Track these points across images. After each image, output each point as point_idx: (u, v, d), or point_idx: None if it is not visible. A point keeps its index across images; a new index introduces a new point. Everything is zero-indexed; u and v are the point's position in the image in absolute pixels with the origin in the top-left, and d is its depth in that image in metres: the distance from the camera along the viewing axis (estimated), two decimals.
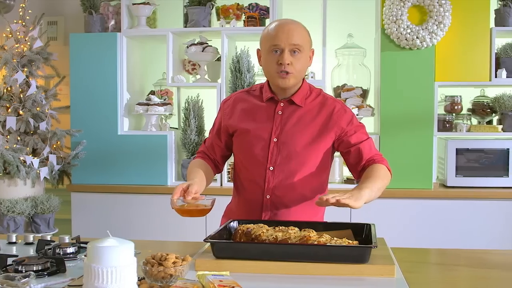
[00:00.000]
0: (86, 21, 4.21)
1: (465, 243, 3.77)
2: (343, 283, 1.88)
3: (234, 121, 2.43)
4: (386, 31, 3.89)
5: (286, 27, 2.29)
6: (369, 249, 1.94)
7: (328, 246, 1.97)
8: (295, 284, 1.88)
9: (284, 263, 1.97)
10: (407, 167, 3.90)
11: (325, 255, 1.95)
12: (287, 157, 2.39)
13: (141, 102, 4.14)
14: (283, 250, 1.99)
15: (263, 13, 4.11)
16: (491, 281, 1.93)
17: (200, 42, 4.14)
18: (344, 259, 1.94)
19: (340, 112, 2.39)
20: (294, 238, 2.08)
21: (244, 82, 4.00)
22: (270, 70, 2.32)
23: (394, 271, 1.92)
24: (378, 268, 1.93)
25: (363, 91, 4.16)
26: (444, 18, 3.80)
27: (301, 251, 1.98)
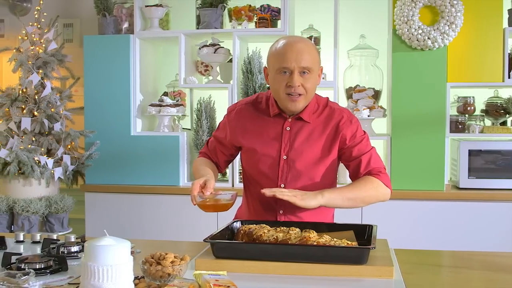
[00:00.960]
0: (99, 23, 4.26)
1: (477, 245, 3.74)
2: (341, 284, 1.89)
3: (241, 137, 2.42)
4: (397, 32, 3.87)
5: (295, 48, 2.23)
6: (367, 250, 1.94)
7: (326, 247, 1.98)
8: (293, 284, 1.89)
9: (283, 263, 1.98)
10: (418, 169, 3.88)
11: (324, 256, 1.96)
12: (298, 174, 2.38)
13: (154, 103, 4.17)
14: (281, 250, 2.00)
15: (274, 15, 4.12)
16: (491, 283, 1.92)
17: (212, 43, 4.16)
18: (342, 260, 1.94)
19: (346, 124, 2.38)
20: (294, 238, 2.09)
21: (256, 83, 4.02)
22: (279, 90, 2.28)
23: (393, 272, 1.92)
24: (377, 269, 1.93)
25: (375, 92, 4.15)
26: (456, 18, 3.77)
27: (300, 252, 1.99)
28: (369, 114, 3.97)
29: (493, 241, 3.77)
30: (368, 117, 3.97)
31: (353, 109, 3.97)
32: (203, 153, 2.58)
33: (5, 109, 4.04)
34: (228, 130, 2.46)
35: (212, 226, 3.85)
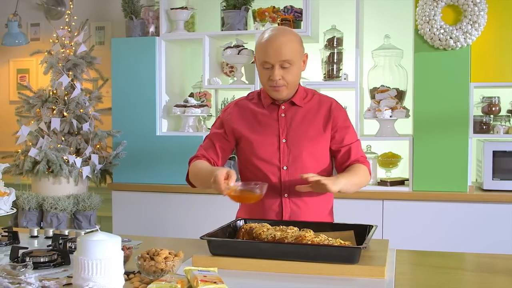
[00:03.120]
0: (127, 26, 4.38)
1: (501, 248, 3.67)
2: (333, 282, 1.90)
3: (240, 128, 2.53)
4: (419, 32, 3.84)
5: (275, 44, 2.36)
6: (358, 250, 1.96)
7: (318, 246, 2.00)
8: (286, 282, 1.92)
9: (276, 261, 2.01)
10: (441, 170, 3.84)
11: (316, 255, 1.98)
12: (298, 155, 2.48)
13: (179, 104, 4.25)
14: (275, 248, 2.04)
15: (297, 16, 4.15)
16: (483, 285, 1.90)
17: (236, 45, 4.21)
18: (334, 259, 1.96)
19: (337, 109, 2.53)
20: (291, 237, 2.12)
21: None
22: (263, 82, 2.45)
23: (384, 272, 1.93)
24: (368, 269, 1.94)
25: (399, 92, 4.12)
26: (479, 17, 3.72)
27: (293, 250, 2.02)
28: (391, 114, 3.95)
29: None
30: (390, 118, 3.95)
31: (375, 110, 3.96)
32: (200, 156, 2.62)
33: (36, 110, 4.19)
34: (227, 123, 2.56)
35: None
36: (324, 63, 4.18)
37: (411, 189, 3.89)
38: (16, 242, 2.39)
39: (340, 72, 4.14)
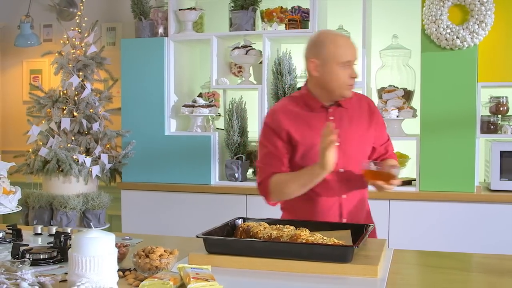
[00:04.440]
0: (136, 27, 4.42)
1: (507, 249, 3.66)
2: (325, 281, 1.92)
3: (295, 133, 2.49)
4: (426, 32, 3.83)
5: (351, 43, 2.48)
6: (351, 249, 1.97)
7: (311, 244, 2.02)
8: (279, 280, 1.94)
9: (270, 260, 2.03)
10: (448, 170, 3.83)
11: (310, 254, 2.00)
12: (350, 157, 2.50)
13: (187, 104, 4.29)
14: (269, 247, 2.06)
15: (305, 16, 4.16)
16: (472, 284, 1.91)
17: (244, 45, 4.24)
18: (327, 258, 1.98)
19: (374, 105, 2.65)
20: (286, 236, 2.14)
21: (285, 84, 4.06)
22: (340, 82, 2.43)
23: (377, 271, 1.94)
24: (361, 268, 1.95)
25: (407, 92, 4.12)
26: (486, 17, 3.70)
27: (287, 249, 2.04)
28: (398, 114, 3.94)
29: None
30: (397, 118, 3.95)
31: (382, 110, 3.96)
32: (273, 172, 2.51)
33: (47, 110, 4.25)
34: (282, 132, 2.49)
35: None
36: None
37: (418, 189, 3.88)
38: (19, 240, 2.43)
39: None
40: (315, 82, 2.49)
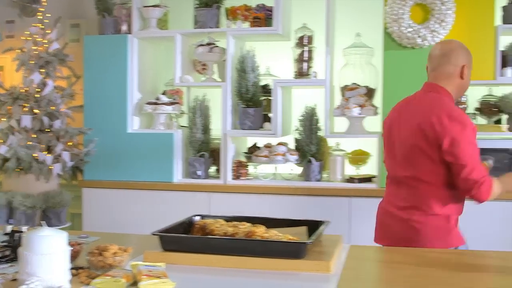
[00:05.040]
0: (99, 24, 4.39)
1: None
2: (280, 277, 1.93)
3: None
4: (388, 30, 3.88)
5: None
6: (304, 245, 1.99)
7: (265, 241, 2.03)
8: (233, 277, 1.95)
9: (226, 257, 2.04)
10: None
11: (264, 250, 2.01)
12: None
13: (150, 101, 4.27)
14: (224, 244, 2.06)
15: (269, 14, 4.17)
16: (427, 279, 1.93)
17: (208, 42, 4.23)
18: (281, 254, 1.99)
19: None
20: (242, 233, 2.15)
21: (249, 82, 4.07)
22: (468, 86, 2.77)
23: (330, 267, 1.96)
24: (315, 263, 1.97)
25: (370, 90, 4.16)
26: (446, 16, 3.76)
27: (242, 246, 2.05)
28: (360, 112, 3.98)
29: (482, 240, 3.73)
30: (359, 115, 3.99)
31: (344, 107, 3.99)
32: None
33: (7, 107, 4.19)
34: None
35: None
36: (295, 61, 4.21)
37: (379, 186, 3.92)
38: None
39: (310, 70, 4.17)
40: (458, 84, 2.67)
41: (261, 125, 4.16)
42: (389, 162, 2.74)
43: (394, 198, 2.68)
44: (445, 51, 2.66)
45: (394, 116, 2.75)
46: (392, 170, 2.72)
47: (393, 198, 2.69)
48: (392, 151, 2.70)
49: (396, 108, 2.80)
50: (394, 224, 2.64)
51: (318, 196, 3.95)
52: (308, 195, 3.98)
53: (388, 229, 2.69)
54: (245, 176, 4.18)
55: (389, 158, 2.74)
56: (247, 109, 4.11)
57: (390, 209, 2.68)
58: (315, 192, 3.97)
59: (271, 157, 4.11)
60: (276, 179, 4.19)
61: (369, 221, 3.85)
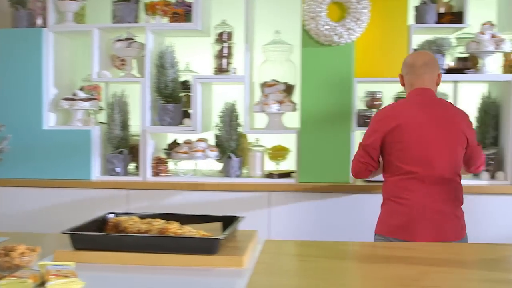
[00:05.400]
0: (13, 17, 4.24)
1: None
2: (193, 273, 1.94)
3: None
4: (305, 28, 3.94)
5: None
6: (217, 241, 2.00)
7: (178, 237, 2.03)
8: (145, 274, 1.93)
9: (139, 254, 2.02)
10: (326, 162, 3.95)
11: (177, 247, 2.01)
12: None
13: (67, 97, 4.16)
14: (136, 241, 2.05)
15: (188, 9, 4.15)
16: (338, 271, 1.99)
17: (126, 37, 4.17)
18: (194, 250, 2.00)
19: None
20: (155, 230, 2.14)
21: (168, 78, 4.04)
22: None
23: (242, 262, 1.98)
24: (227, 259, 1.99)
25: (289, 87, 4.21)
26: (362, 14, 3.85)
27: (155, 243, 2.04)
28: (279, 108, 4.03)
29: None
30: (278, 111, 4.03)
31: (263, 104, 4.02)
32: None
33: None
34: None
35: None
36: (214, 57, 4.21)
37: (297, 181, 3.99)
38: None
39: (230, 66, 4.18)
40: (436, 90, 3.03)
41: (180, 121, 4.14)
42: (426, 161, 2.83)
43: (441, 198, 2.83)
44: (427, 61, 2.99)
45: (422, 119, 2.87)
46: (436, 169, 2.83)
47: (440, 197, 2.83)
48: (430, 150, 2.83)
49: (413, 110, 2.93)
50: (450, 222, 2.82)
51: (238, 192, 3.97)
52: (228, 190, 4.00)
53: (442, 228, 2.80)
54: (165, 173, 4.14)
55: (428, 158, 2.83)
56: (166, 105, 4.08)
57: (442, 207, 2.82)
58: (235, 188, 3.99)
59: (191, 153, 4.10)
60: (196, 175, 4.18)
61: (288, 215, 3.94)
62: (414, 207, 2.82)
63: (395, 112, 2.96)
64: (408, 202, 2.83)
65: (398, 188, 2.88)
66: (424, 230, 2.78)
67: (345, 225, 3.90)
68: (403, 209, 2.83)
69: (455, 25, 3.98)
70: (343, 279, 1.90)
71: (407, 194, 2.84)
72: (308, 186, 3.94)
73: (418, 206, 2.82)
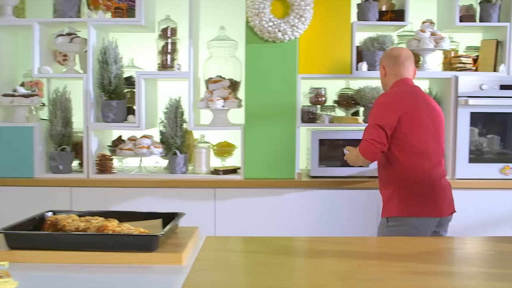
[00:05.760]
0: None
1: (326, 231, 3.89)
2: (131, 271, 1.93)
3: None
4: (250, 24, 3.95)
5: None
6: (156, 238, 1.99)
7: (115, 235, 2.01)
8: (82, 273, 1.91)
9: (76, 252, 2.00)
10: (271, 158, 3.98)
11: (115, 244, 1.99)
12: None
13: (7, 93, 4.06)
14: (73, 239, 2.02)
15: (131, 5, 4.10)
16: (275, 266, 2.00)
17: (68, 33, 4.09)
18: (133, 247, 1.99)
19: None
20: (93, 227, 2.11)
21: (111, 74, 3.99)
22: None
23: (182, 258, 1.98)
24: (166, 256, 1.98)
25: (233, 83, 4.22)
26: (305, 11, 3.89)
27: (92, 241, 2.02)
28: (224, 104, 4.03)
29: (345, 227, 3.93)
30: (223, 108, 4.03)
31: (208, 100, 4.02)
32: None
33: None
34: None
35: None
36: (159, 53, 4.18)
37: (243, 177, 4.00)
38: None
39: (175, 62, 4.16)
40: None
41: (125, 118, 4.09)
42: (435, 142, 3.10)
43: (444, 173, 3.17)
44: (409, 55, 3.24)
45: (422, 103, 3.10)
46: (441, 148, 3.14)
47: (444, 172, 3.16)
48: (437, 132, 3.11)
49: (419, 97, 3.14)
50: (451, 195, 3.16)
51: (184, 188, 3.95)
52: (173, 187, 3.98)
53: (452, 200, 3.16)
54: (110, 170, 4.10)
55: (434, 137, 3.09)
56: (110, 102, 4.03)
57: (447, 182, 3.16)
58: (180, 185, 3.98)
59: (135, 150, 4.06)
60: (142, 172, 4.15)
61: (234, 211, 3.95)
62: (435, 185, 3.05)
63: (406, 95, 3.12)
64: (429, 182, 3.04)
65: (417, 168, 3.04)
66: (445, 205, 3.07)
67: (290, 221, 3.94)
68: (427, 189, 3.03)
69: (396, 23, 4.06)
70: (281, 274, 1.92)
71: (426, 173, 3.04)
72: (254, 182, 3.96)
73: (437, 184, 3.06)
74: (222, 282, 1.84)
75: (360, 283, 1.81)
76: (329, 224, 3.94)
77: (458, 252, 2.26)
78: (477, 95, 3.98)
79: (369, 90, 4.08)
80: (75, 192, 3.97)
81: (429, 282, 1.85)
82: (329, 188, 3.93)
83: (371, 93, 4.06)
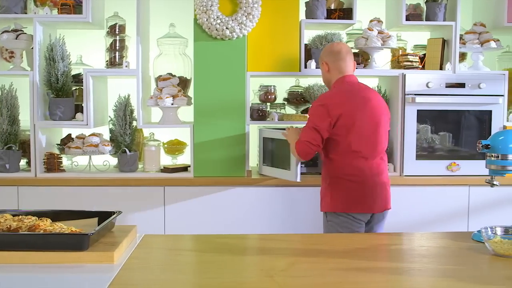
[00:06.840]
0: None
1: (273, 228, 3.91)
2: (61, 270, 1.91)
3: None
4: (198, 21, 3.94)
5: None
6: (86, 237, 1.97)
7: (45, 234, 1.99)
8: (12, 273, 1.89)
9: (6, 252, 1.97)
10: (221, 156, 3.98)
11: (46, 243, 1.97)
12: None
13: None
14: (3, 239, 1.99)
15: (79, 1, 4.06)
16: (211, 264, 2.01)
17: (14, 29, 4.03)
18: (64, 246, 1.97)
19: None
20: (25, 227, 2.09)
21: (58, 71, 3.94)
22: None
23: (113, 257, 1.97)
24: (97, 255, 1.97)
25: (183, 80, 4.20)
26: (253, 9, 3.90)
27: (23, 240, 1.99)
28: (173, 102, 4.01)
29: (293, 223, 3.95)
30: (172, 105, 4.02)
31: (157, 97, 4.00)
32: None
33: None
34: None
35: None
36: (107, 51, 4.15)
37: (193, 175, 3.99)
38: None
39: (123, 59, 4.13)
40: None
41: (73, 116, 4.05)
42: (372, 141, 3.13)
43: (381, 171, 3.18)
44: (349, 50, 3.28)
45: (360, 102, 3.13)
46: (379, 146, 3.17)
47: (380, 170, 3.18)
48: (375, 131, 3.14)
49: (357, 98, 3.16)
50: (387, 192, 3.20)
51: (133, 187, 3.93)
52: (123, 185, 3.95)
53: (385, 197, 3.18)
54: (58, 169, 4.05)
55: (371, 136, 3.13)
56: (57, 99, 3.98)
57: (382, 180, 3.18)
58: (130, 183, 3.95)
59: (84, 148, 4.02)
60: (91, 171, 4.11)
61: (183, 209, 3.94)
62: (366, 183, 3.10)
63: (344, 96, 3.14)
64: (360, 179, 3.10)
65: (348, 166, 3.10)
66: (377, 201, 3.14)
67: (240, 218, 3.94)
68: (357, 186, 3.09)
69: (344, 21, 4.10)
70: (213, 272, 1.93)
71: (357, 171, 3.10)
72: (203, 180, 3.96)
73: (369, 181, 3.11)
74: (150, 281, 1.83)
75: (288, 279, 1.83)
76: (280, 221, 3.96)
77: (392, 248, 2.30)
78: (424, 93, 4.05)
79: (318, 88, 4.11)
80: (22, 191, 3.91)
81: (358, 278, 1.87)
82: (279, 186, 3.95)
83: (320, 90, 4.09)
